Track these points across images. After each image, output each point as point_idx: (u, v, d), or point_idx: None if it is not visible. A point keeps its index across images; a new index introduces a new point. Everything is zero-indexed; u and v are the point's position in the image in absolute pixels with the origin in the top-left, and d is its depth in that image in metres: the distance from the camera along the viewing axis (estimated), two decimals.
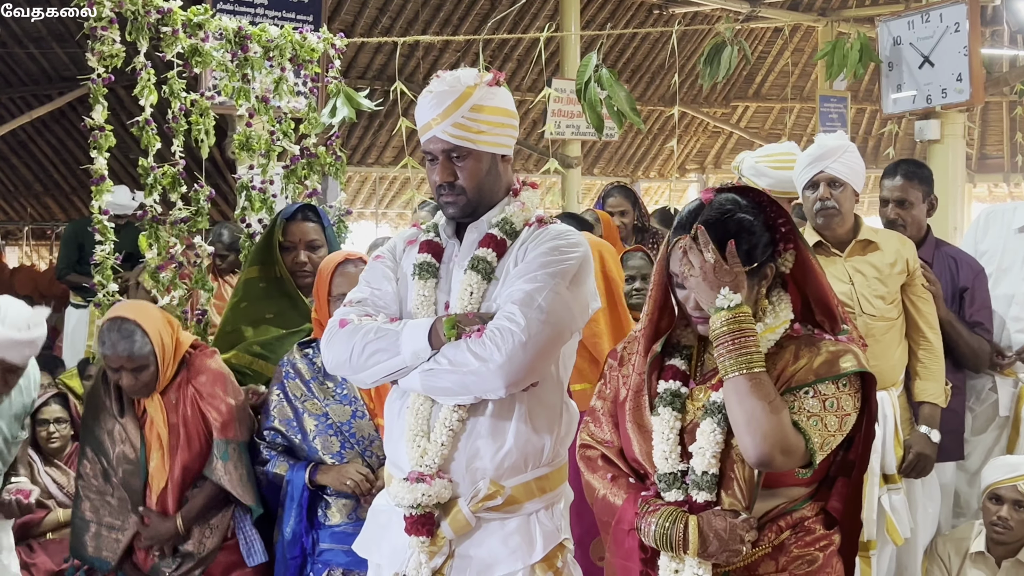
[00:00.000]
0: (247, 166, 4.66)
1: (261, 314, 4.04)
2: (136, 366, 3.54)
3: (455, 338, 2.60)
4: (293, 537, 3.51)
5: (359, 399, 3.51)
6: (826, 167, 4.01)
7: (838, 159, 4.01)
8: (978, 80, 5.89)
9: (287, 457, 3.59)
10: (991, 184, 17.15)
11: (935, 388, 4.12)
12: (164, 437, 3.62)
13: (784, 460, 2.26)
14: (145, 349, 3.54)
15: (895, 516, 4.09)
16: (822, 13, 14.20)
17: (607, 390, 2.66)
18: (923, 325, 4.12)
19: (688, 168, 17.53)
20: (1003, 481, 4.07)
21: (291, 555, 3.52)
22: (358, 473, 3.40)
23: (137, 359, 3.53)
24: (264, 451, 3.62)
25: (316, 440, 3.52)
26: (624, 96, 5.00)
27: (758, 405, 2.24)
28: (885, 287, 4.03)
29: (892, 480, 4.10)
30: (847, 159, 4.03)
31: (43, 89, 11.84)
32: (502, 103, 2.77)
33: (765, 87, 16.68)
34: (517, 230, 2.77)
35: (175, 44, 4.21)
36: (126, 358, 3.52)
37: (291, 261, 4.05)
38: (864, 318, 3.97)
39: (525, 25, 12.93)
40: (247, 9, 7.68)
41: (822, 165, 4.02)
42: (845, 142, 4.09)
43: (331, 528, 3.49)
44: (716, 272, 2.31)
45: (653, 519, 2.34)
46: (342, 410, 3.52)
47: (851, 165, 4.04)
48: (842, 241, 4.10)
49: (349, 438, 3.49)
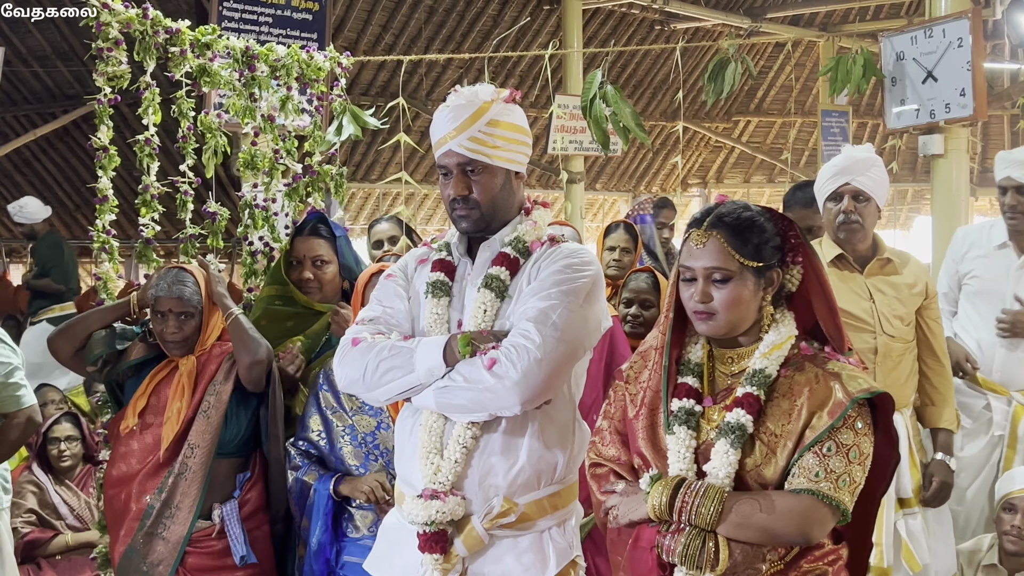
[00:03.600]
0: (251, 184, 4.68)
1: (282, 324, 4.04)
2: (183, 311, 3.68)
3: (470, 355, 2.60)
4: (319, 548, 3.52)
5: (384, 411, 3.53)
6: (852, 179, 3.90)
7: (865, 172, 3.91)
8: (981, 95, 5.89)
9: (318, 467, 3.61)
10: (993, 198, 17.17)
11: (949, 414, 4.08)
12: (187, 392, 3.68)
13: (821, 529, 2.33)
14: (195, 298, 3.71)
15: (912, 542, 4.00)
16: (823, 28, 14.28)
17: (612, 409, 2.68)
18: (937, 350, 4.06)
19: (690, 183, 17.57)
20: (1018, 491, 4.07)
21: (317, 566, 3.52)
22: (374, 481, 3.42)
23: (186, 304, 3.68)
24: (297, 458, 3.64)
25: (343, 451, 3.55)
26: (630, 112, 5.01)
27: (757, 527, 2.30)
28: (904, 308, 3.96)
29: (907, 504, 4.03)
30: (874, 173, 3.93)
31: (47, 107, 11.89)
32: (517, 120, 2.79)
33: (767, 102, 16.74)
34: (529, 248, 2.78)
35: (183, 64, 4.24)
36: (176, 300, 3.67)
37: (297, 277, 4.03)
38: (884, 338, 3.90)
39: (527, 42, 13.00)
40: (252, 27, 7.74)
41: (848, 177, 3.91)
42: (872, 155, 3.98)
43: (355, 540, 3.51)
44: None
45: (680, 538, 2.35)
46: (367, 421, 3.54)
47: (877, 179, 3.93)
48: (862, 257, 3.99)
49: (373, 449, 3.52)
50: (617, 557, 2.57)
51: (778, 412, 2.38)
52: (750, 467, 2.36)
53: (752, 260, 2.41)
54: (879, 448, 2.41)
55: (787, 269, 2.50)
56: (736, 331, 2.47)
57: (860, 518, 2.47)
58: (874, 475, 2.42)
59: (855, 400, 2.32)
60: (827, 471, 2.30)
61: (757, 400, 2.38)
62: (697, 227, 2.46)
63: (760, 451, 2.36)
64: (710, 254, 2.42)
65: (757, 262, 2.42)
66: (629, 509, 2.48)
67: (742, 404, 2.38)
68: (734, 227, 2.42)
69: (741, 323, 2.45)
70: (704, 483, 2.35)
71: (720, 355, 2.53)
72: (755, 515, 2.30)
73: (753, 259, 2.41)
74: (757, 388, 2.39)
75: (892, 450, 2.48)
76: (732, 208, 2.46)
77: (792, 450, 2.34)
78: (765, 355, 2.43)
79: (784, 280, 2.49)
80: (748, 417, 2.36)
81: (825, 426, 2.31)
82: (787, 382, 2.40)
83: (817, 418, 2.33)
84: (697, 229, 2.46)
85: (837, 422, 2.31)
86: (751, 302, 2.44)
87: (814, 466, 2.31)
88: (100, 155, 4.08)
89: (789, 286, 2.50)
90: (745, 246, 2.41)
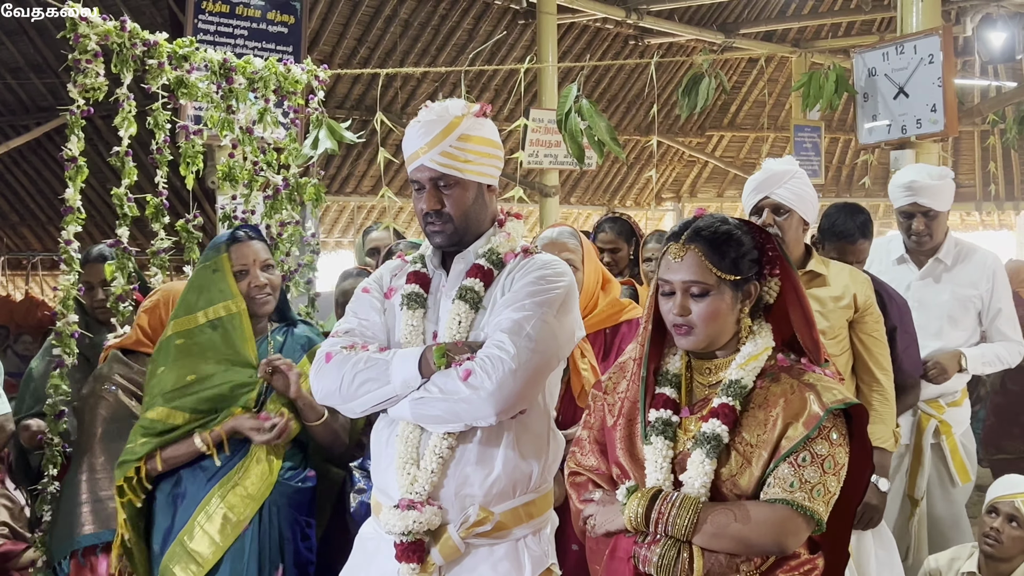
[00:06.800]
0: (229, 196, 4.68)
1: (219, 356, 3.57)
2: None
3: (445, 367, 2.62)
4: None
5: None
6: (771, 192, 3.79)
7: (783, 184, 3.78)
8: (952, 111, 5.95)
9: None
10: (963, 213, 17.35)
11: (883, 432, 3.90)
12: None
13: (796, 539, 2.35)
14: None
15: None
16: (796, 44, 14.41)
17: (592, 419, 2.69)
18: (873, 366, 3.92)
19: (664, 197, 17.64)
20: (1003, 496, 4.09)
21: None
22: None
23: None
24: (362, 481, 3.52)
25: None
26: (604, 126, 5.05)
27: (733, 537, 2.32)
28: (826, 321, 3.79)
29: None
30: (793, 185, 3.79)
31: (20, 119, 11.81)
32: (488, 134, 2.81)
33: (740, 117, 16.84)
34: (503, 260, 2.80)
35: (160, 76, 4.23)
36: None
37: (248, 286, 3.57)
38: None
39: (502, 56, 13.03)
40: (227, 40, 7.72)
41: (766, 191, 3.80)
42: (792, 167, 3.85)
43: None
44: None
45: (656, 548, 2.36)
46: None
47: (798, 192, 3.80)
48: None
49: None
50: (595, 567, 2.59)
51: (754, 423, 2.39)
52: (726, 477, 2.38)
53: (730, 274, 2.43)
54: (854, 459, 2.42)
55: (765, 282, 2.51)
56: (715, 344, 2.49)
57: (836, 528, 2.48)
58: (849, 486, 2.43)
59: (829, 411, 2.34)
60: (802, 481, 2.31)
61: (733, 411, 2.39)
62: (675, 241, 2.47)
63: (736, 461, 2.38)
64: (688, 268, 2.44)
65: (735, 275, 2.43)
66: (606, 519, 2.50)
67: (718, 414, 2.39)
68: (712, 241, 2.44)
69: (720, 336, 2.47)
70: (680, 494, 2.36)
71: (698, 366, 2.55)
72: (730, 525, 2.31)
73: (731, 272, 2.43)
74: (733, 399, 2.40)
75: (867, 461, 2.50)
76: (710, 222, 2.47)
77: (767, 460, 2.36)
78: (741, 366, 2.45)
79: (762, 292, 2.51)
80: (724, 427, 2.38)
81: (800, 437, 2.33)
82: (763, 393, 2.42)
83: (792, 429, 2.35)
84: (675, 243, 2.47)
85: (812, 433, 2.33)
86: (729, 315, 2.46)
87: (789, 476, 2.32)
88: (69, 165, 4.05)
89: (767, 298, 2.52)
90: (723, 260, 2.42)
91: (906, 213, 4.60)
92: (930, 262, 4.67)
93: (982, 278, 4.62)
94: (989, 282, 4.62)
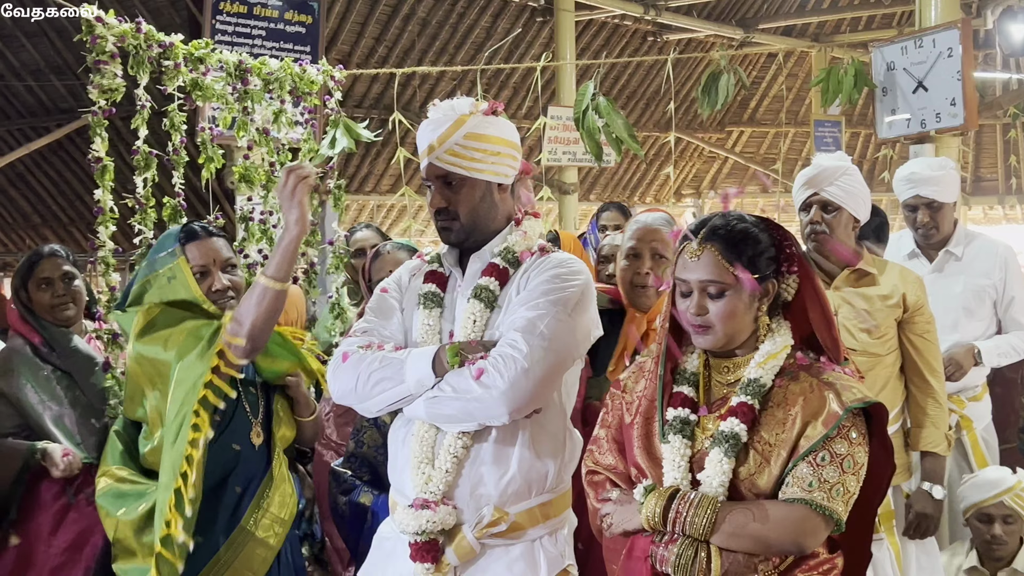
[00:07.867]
0: (246, 197, 4.68)
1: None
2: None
3: (458, 365, 2.62)
4: None
5: None
6: (820, 190, 3.76)
7: (834, 182, 3.74)
8: (972, 104, 5.91)
9: (372, 488, 3.45)
10: (986, 207, 17.23)
11: (936, 436, 3.82)
12: None
13: (815, 539, 2.33)
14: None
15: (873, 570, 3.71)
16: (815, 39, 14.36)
17: (610, 418, 2.68)
18: (923, 368, 3.83)
19: (684, 193, 17.61)
20: (989, 499, 4.06)
21: None
22: None
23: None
24: (349, 480, 3.51)
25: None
26: (622, 124, 5.04)
27: (751, 536, 2.30)
28: (873, 320, 3.75)
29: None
30: (844, 182, 3.75)
31: (41, 121, 11.87)
32: (500, 132, 2.80)
33: (760, 112, 16.80)
34: (519, 259, 2.80)
35: (177, 77, 4.24)
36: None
37: (208, 289, 3.25)
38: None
39: (520, 54, 13.03)
40: (245, 41, 7.75)
41: (815, 188, 3.77)
42: (843, 164, 3.81)
43: None
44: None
45: (673, 548, 2.35)
46: None
47: (848, 189, 3.75)
48: (835, 267, 3.84)
49: None
50: (612, 566, 2.57)
51: (772, 421, 2.38)
52: (744, 476, 2.36)
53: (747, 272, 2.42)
54: (874, 458, 2.41)
55: (783, 279, 2.49)
56: (733, 343, 2.47)
57: (856, 528, 2.47)
58: (869, 485, 2.42)
59: (849, 410, 2.32)
60: (821, 481, 2.30)
61: (751, 409, 2.38)
62: (691, 240, 2.47)
63: (754, 460, 2.36)
64: (705, 267, 2.42)
65: (752, 274, 2.42)
66: (623, 519, 2.49)
67: (736, 413, 2.38)
68: (728, 239, 2.41)
69: (738, 335, 2.46)
70: (698, 494, 2.35)
71: (716, 364, 2.53)
72: (748, 524, 2.30)
73: (748, 271, 2.42)
74: (751, 397, 2.39)
75: (888, 460, 2.48)
76: (726, 220, 2.45)
77: (786, 459, 2.34)
78: (760, 364, 2.43)
79: (780, 290, 2.49)
80: (742, 426, 2.36)
81: (819, 436, 2.31)
82: (782, 392, 2.40)
83: (811, 427, 2.33)
84: (691, 242, 2.46)
85: (831, 432, 2.31)
86: (747, 314, 2.44)
87: (808, 475, 2.31)
88: (94, 167, 4.05)
89: (785, 295, 2.50)
90: (740, 258, 2.40)
91: (910, 206, 4.60)
92: (941, 254, 4.64)
93: (994, 267, 4.58)
94: (1002, 271, 4.58)
